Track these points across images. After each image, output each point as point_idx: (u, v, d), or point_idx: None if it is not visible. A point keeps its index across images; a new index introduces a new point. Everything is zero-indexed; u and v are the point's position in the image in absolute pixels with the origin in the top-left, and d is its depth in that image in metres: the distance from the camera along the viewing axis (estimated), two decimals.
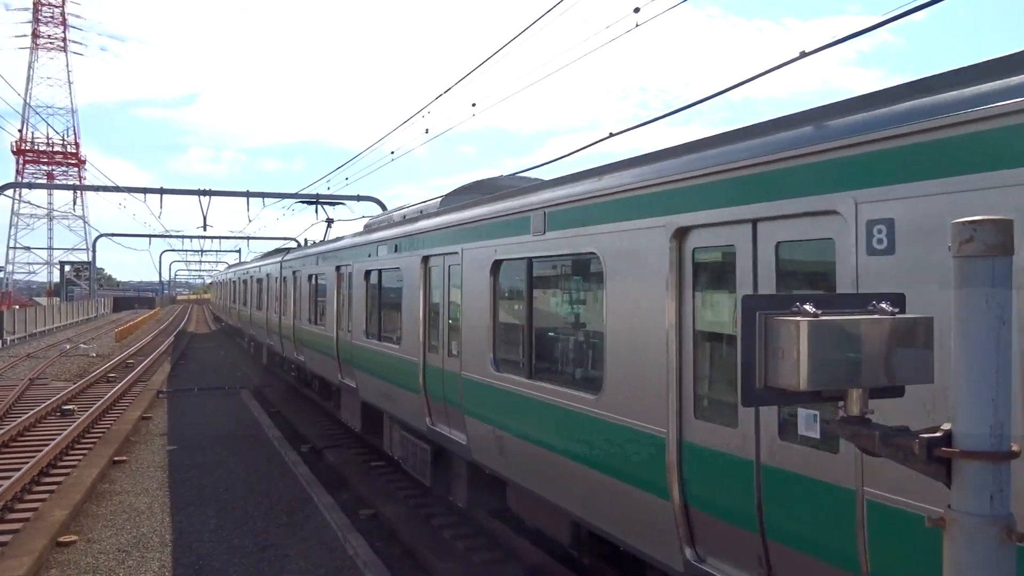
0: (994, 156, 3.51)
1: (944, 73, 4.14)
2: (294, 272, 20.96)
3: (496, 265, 8.51)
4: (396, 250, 11.89)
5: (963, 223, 2.07)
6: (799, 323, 2.38)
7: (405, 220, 12.35)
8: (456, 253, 9.51)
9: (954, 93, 3.86)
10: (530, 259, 7.81)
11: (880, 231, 4.02)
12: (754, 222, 4.90)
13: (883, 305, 2.55)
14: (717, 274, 5.43)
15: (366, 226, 15.78)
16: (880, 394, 2.59)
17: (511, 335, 8.56)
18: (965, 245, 2.05)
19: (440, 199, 11.67)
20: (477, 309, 8.83)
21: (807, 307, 2.47)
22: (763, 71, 7.72)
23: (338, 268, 15.74)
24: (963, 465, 2.08)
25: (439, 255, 10.17)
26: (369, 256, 13.44)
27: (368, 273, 13.54)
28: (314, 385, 20.77)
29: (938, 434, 2.15)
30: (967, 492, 2.07)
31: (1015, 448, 2.07)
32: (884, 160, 4.04)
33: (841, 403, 2.51)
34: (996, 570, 2.05)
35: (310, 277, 18.74)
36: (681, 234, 5.51)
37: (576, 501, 6.85)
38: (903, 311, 2.58)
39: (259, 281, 28.74)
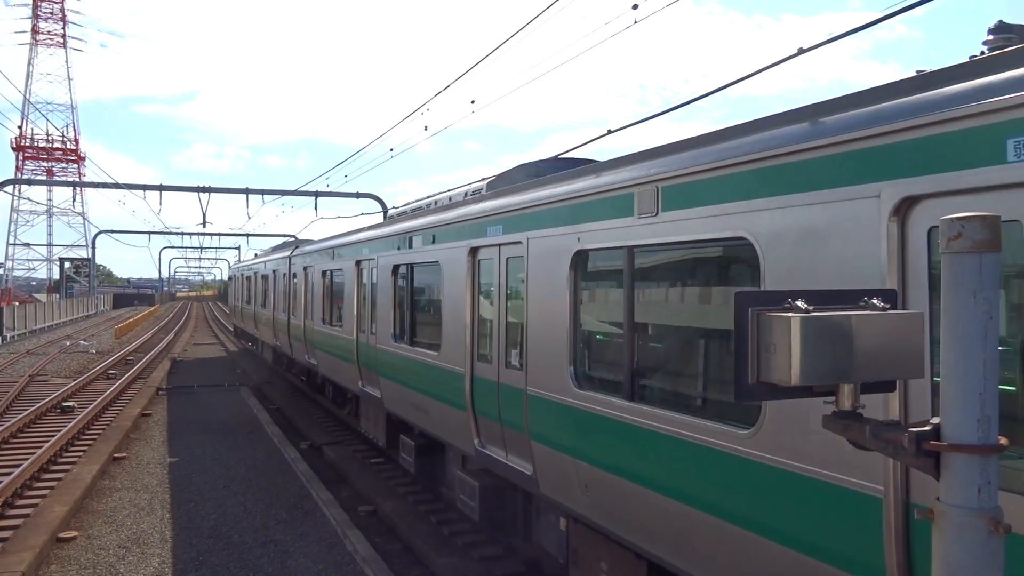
0: None
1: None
2: (305, 268, 19.35)
3: (580, 256, 6.79)
4: (433, 241, 10.31)
5: (951, 219, 2.10)
6: (791, 319, 2.41)
7: (441, 208, 10.78)
8: (519, 243, 7.82)
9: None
10: (631, 248, 6.06)
11: None
12: None
13: (874, 301, 2.58)
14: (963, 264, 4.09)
15: (390, 216, 14.78)
16: (871, 389, 2.61)
17: (602, 344, 6.99)
18: (953, 241, 2.07)
19: (484, 182, 10.33)
20: (548, 311, 7.18)
21: (799, 303, 2.50)
22: (762, 67, 7.75)
23: (358, 263, 14.20)
24: (951, 458, 2.10)
25: (493, 246, 8.54)
26: (398, 248, 11.90)
27: (397, 268, 12.05)
28: (327, 391, 19.43)
29: (927, 428, 2.18)
30: (955, 485, 2.10)
31: (1003, 441, 2.09)
32: None
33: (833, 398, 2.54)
34: (984, 562, 2.08)
35: (324, 273, 17.14)
36: (908, 205, 3.84)
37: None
38: (894, 307, 2.61)
39: (264, 278, 27.37)
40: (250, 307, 31.98)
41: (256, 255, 36.88)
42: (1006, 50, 3.76)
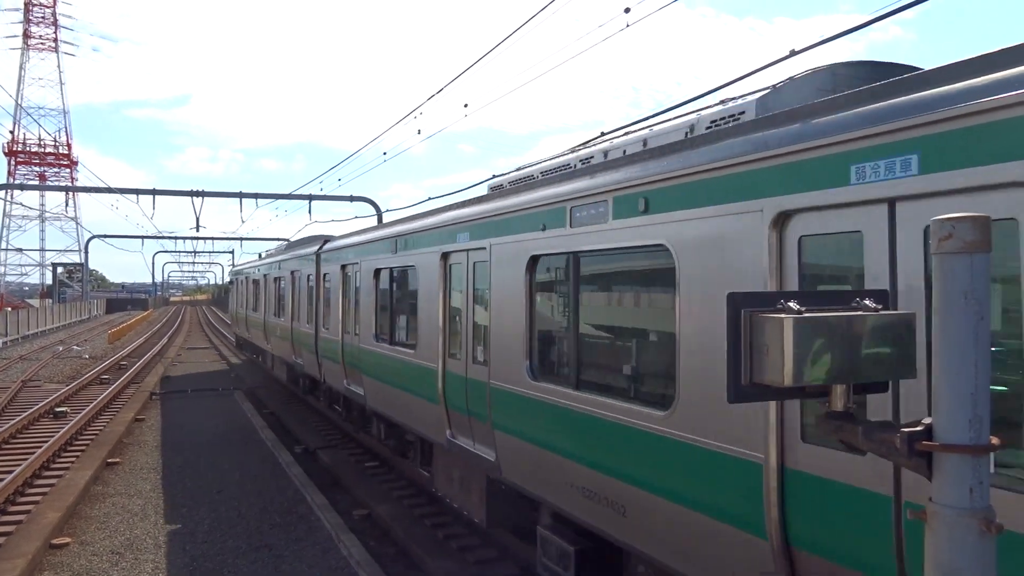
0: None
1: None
2: (344, 266, 14.89)
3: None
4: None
5: (942, 220, 2.10)
6: (783, 320, 2.42)
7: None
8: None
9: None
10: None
11: None
12: None
13: (866, 302, 2.59)
14: None
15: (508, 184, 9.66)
16: (864, 390, 2.62)
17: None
18: (944, 242, 2.08)
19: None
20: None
21: (791, 304, 2.51)
22: (754, 69, 7.77)
23: (445, 255, 9.80)
24: (943, 458, 2.11)
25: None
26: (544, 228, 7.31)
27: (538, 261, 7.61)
28: (376, 430, 13.93)
29: (919, 428, 2.18)
30: (947, 485, 2.11)
31: (994, 441, 2.10)
32: None
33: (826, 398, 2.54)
34: (976, 562, 2.09)
35: (378, 272, 12.77)
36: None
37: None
38: (886, 307, 2.62)
39: (278, 281, 22.62)
40: (257, 315, 26.59)
41: (264, 254, 31.14)
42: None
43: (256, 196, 41.29)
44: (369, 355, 12.86)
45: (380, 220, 35.81)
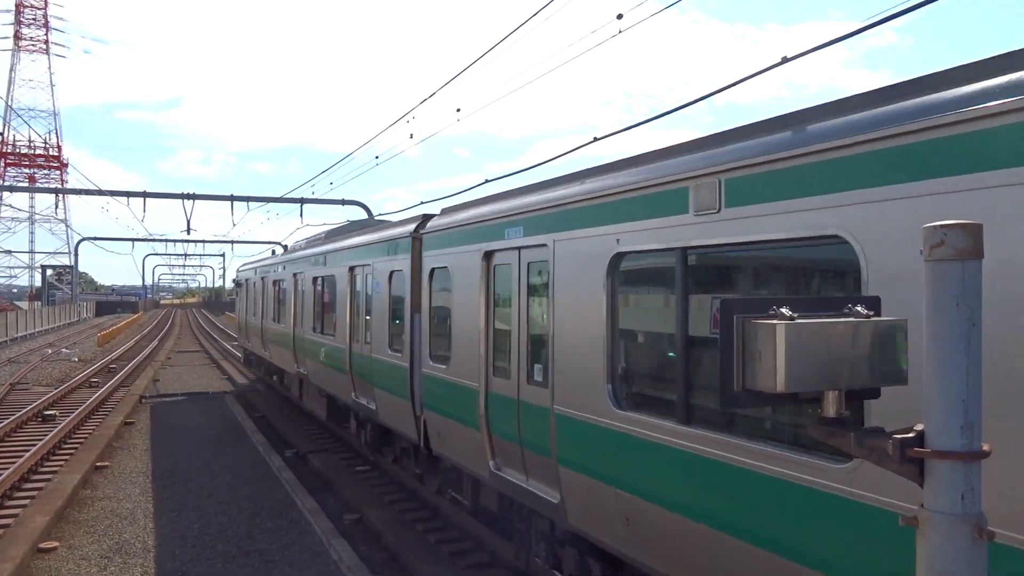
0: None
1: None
2: (491, 255, 8.75)
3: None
4: None
5: (934, 227, 2.11)
6: (776, 326, 2.42)
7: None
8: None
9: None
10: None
11: None
12: None
13: (858, 308, 2.59)
14: None
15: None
16: (856, 396, 2.63)
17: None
18: (936, 249, 2.09)
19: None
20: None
21: (784, 310, 2.51)
22: (746, 76, 7.80)
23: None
24: (935, 465, 2.11)
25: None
26: None
27: None
28: (510, 517, 9.07)
29: (911, 434, 2.19)
30: (939, 492, 2.11)
31: (986, 448, 2.11)
32: None
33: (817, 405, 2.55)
34: (968, 568, 2.09)
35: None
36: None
37: None
38: (878, 314, 2.62)
39: (323, 282, 16.38)
40: (280, 328, 20.35)
41: (291, 247, 22.88)
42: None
43: (247, 199, 41.21)
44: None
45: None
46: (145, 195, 39.08)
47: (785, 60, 7.27)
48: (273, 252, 28.27)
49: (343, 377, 14.28)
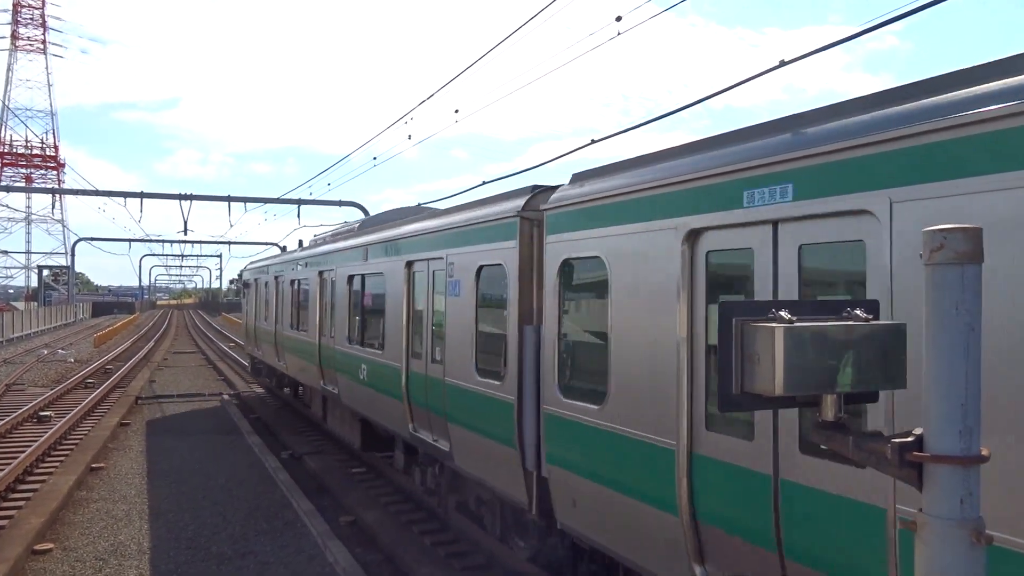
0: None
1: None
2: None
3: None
4: None
5: (934, 231, 2.11)
6: (774, 329, 2.41)
7: None
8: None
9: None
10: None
11: None
12: None
13: (857, 311, 2.59)
14: None
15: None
16: (854, 399, 2.62)
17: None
18: (935, 253, 2.08)
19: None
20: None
21: (783, 313, 2.50)
22: (744, 79, 7.80)
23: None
24: (934, 469, 2.11)
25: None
26: None
27: None
28: None
29: (910, 439, 2.18)
30: (938, 496, 2.10)
31: (984, 452, 2.10)
32: None
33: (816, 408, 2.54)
34: (967, 572, 2.08)
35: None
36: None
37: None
38: (877, 317, 2.62)
39: (356, 281, 13.54)
40: (303, 338, 16.93)
41: (313, 241, 19.76)
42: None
43: (244, 200, 41.24)
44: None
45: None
46: (142, 195, 39.08)
47: (783, 63, 7.28)
48: (283, 249, 24.66)
49: (393, 404, 11.06)
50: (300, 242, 22.59)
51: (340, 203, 40.93)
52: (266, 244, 75.21)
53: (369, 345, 12.54)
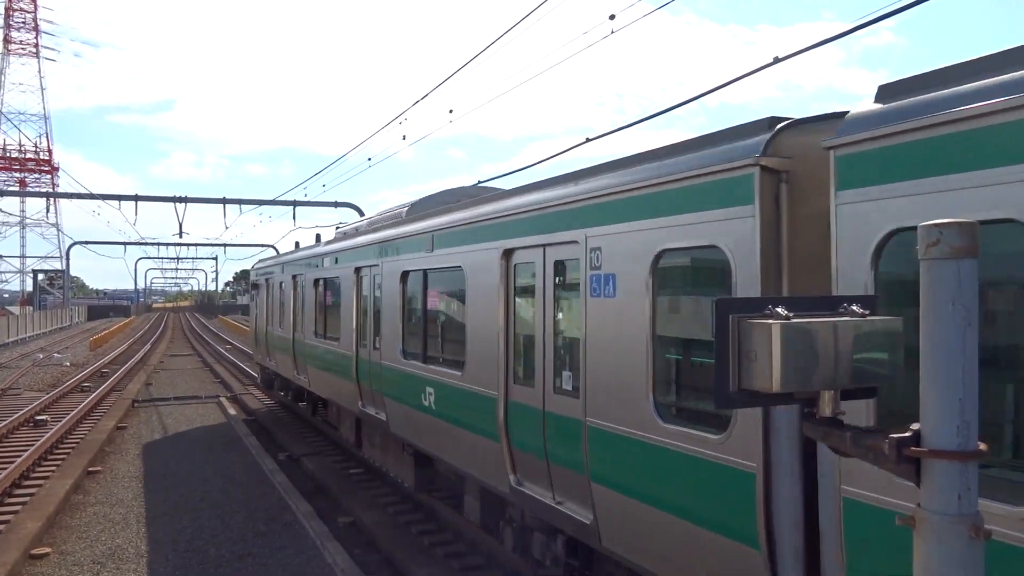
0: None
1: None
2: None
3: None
4: None
5: (930, 226, 2.11)
6: (771, 325, 2.41)
7: None
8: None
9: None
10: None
11: None
12: None
13: (854, 307, 2.59)
14: None
15: None
16: (852, 395, 2.62)
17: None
18: (931, 247, 2.08)
19: None
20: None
21: (779, 309, 2.50)
22: (738, 76, 7.81)
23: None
24: (931, 464, 2.11)
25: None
26: None
27: None
28: None
29: (907, 434, 2.18)
30: (936, 491, 2.10)
31: (982, 447, 2.10)
32: None
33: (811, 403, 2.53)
34: (965, 568, 2.08)
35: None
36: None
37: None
38: (874, 313, 2.62)
39: (420, 278, 10.75)
40: (327, 344, 14.69)
41: (340, 233, 16.60)
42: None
43: (240, 202, 41.18)
44: None
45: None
46: (137, 199, 38.97)
47: (777, 60, 7.29)
48: (298, 244, 21.87)
49: (481, 443, 8.45)
50: (318, 236, 20.46)
51: (336, 204, 40.89)
52: (261, 246, 75.19)
53: (439, 363, 9.84)
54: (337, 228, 17.87)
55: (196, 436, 17.44)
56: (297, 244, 21.95)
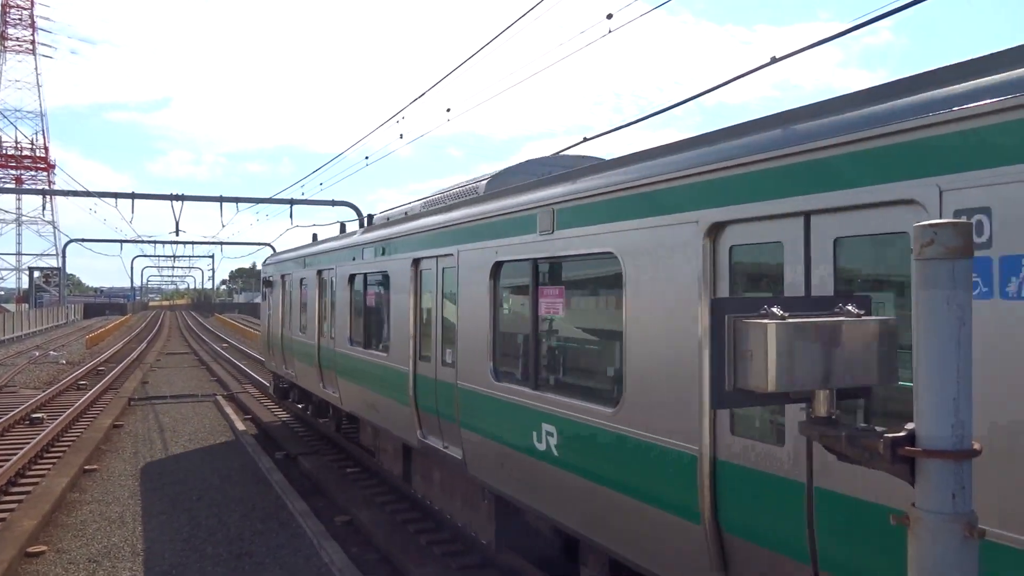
0: None
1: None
2: None
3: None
4: None
5: (924, 226, 2.12)
6: (767, 325, 2.42)
7: None
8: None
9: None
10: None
11: None
12: None
13: (849, 307, 2.60)
14: None
15: None
16: (847, 395, 2.63)
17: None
18: (926, 248, 2.09)
19: None
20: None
21: (775, 309, 2.51)
22: (735, 76, 7.82)
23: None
24: (926, 464, 2.12)
25: None
26: None
27: None
28: None
29: (902, 434, 2.19)
30: (930, 490, 2.11)
31: (976, 447, 2.11)
32: None
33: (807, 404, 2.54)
34: (959, 567, 2.09)
35: None
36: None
37: None
38: (868, 313, 2.63)
39: (541, 271, 7.58)
40: (383, 358, 11.30)
41: (383, 218, 13.58)
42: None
43: (236, 200, 41.11)
44: None
45: (362, 225, 32.68)
46: (133, 196, 38.88)
47: (774, 60, 7.30)
48: (315, 237, 19.29)
49: (652, 515, 5.65)
50: (343, 226, 18.23)
51: (333, 203, 40.85)
52: (258, 244, 75.18)
53: (565, 391, 7.08)
54: (383, 214, 14.00)
55: (192, 434, 17.41)
56: (315, 237, 19.37)
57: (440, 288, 9.62)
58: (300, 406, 18.60)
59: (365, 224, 15.95)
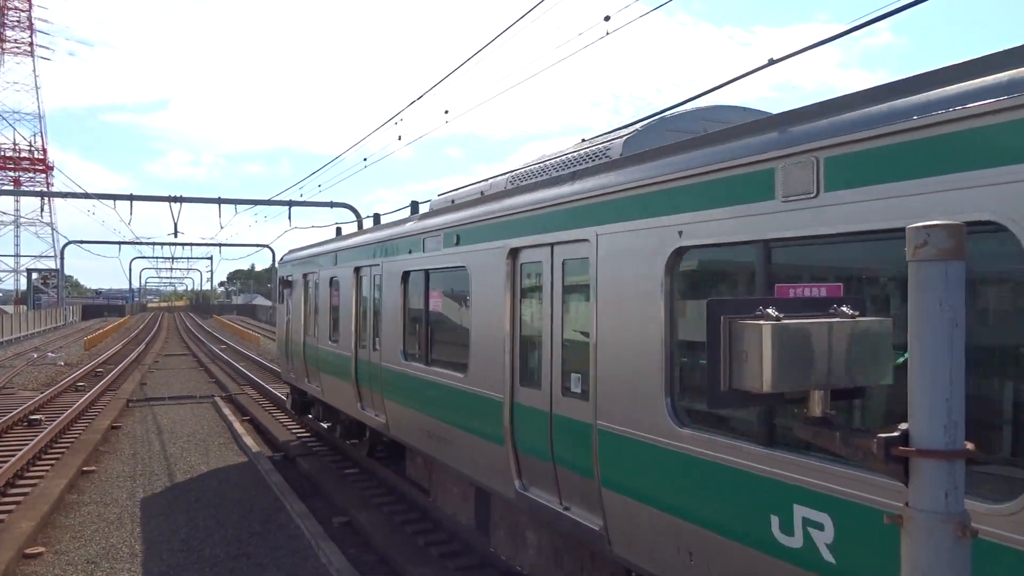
0: None
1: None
2: None
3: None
4: None
5: (918, 228, 2.13)
6: (762, 326, 2.44)
7: None
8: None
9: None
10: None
11: None
12: None
13: (844, 308, 2.62)
14: None
15: None
16: (841, 395, 2.65)
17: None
18: (919, 249, 2.11)
19: None
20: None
21: (770, 311, 2.53)
22: (733, 77, 7.83)
23: None
24: (919, 464, 2.13)
25: None
26: None
27: None
28: None
29: (895, 433, 2.20)
30: (923, 490, 2.13)
31: (969, 447, 2.13)
32: None
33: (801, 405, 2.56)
34: (952, 566, 2.11)
35: None
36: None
37: None
38: (863, 314, 2.64)
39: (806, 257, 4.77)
40: (460, 381, 8.84)
41: (437, 206, 11.23)
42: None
43: (235, 202, 41.14)
44: None
45: (360, 226, 30.19)
46: (132, 198, 38.88)
47: (772, 62, 7.33)
48: (339, 231, 17.08)
49: None
50: (339, 230, 16.51)
51: (331, 204, 40.89)
52: (257, 246, 75.19)
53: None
54: (439, 197, 11.75)
55: (191, 435, 17.40)
56: (339, 230, 16.98)
57: (557, 287, 7.14)
58: (325, 425, 16.45)
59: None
